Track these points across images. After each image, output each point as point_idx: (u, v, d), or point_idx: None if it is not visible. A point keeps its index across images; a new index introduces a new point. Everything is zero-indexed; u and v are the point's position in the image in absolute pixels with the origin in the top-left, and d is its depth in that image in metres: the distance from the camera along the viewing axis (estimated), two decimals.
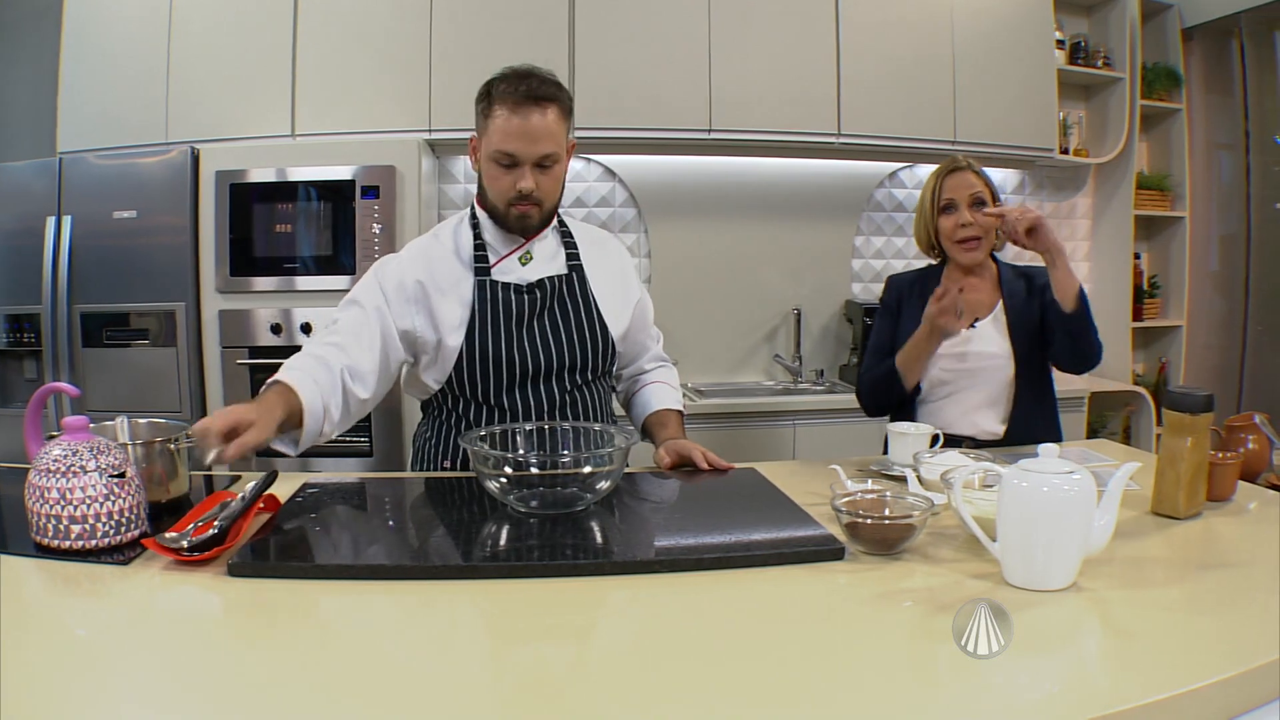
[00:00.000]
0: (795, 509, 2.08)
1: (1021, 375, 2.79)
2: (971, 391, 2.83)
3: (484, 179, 2.44)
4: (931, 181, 2.88)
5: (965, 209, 2.79)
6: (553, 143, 2.34)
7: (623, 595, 1.65)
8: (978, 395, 2.83)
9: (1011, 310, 2.83)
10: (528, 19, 4.35)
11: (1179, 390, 2.10)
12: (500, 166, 2.36)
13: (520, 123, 2.29)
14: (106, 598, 1.63)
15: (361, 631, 1.52)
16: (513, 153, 2.32)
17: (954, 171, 2.83)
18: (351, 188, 3.99)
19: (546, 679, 1.33)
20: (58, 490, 1.74)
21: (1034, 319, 2.80)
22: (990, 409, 2.83)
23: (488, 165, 2.39)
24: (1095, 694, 1.27)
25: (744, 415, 4.37)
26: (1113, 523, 1.66)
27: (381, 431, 4.06)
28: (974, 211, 2.78)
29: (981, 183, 2.80)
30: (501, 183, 2.37)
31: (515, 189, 2.35)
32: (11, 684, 1.22)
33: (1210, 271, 5.62)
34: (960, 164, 2.84)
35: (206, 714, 1.22)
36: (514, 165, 2.34)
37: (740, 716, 1.20)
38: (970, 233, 2.79)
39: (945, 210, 2.83)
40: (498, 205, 2.42)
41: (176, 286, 4.00)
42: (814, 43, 4.56)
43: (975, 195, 2.78)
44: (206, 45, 4.27)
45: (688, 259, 4.99)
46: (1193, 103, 5.47)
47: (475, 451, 2.00)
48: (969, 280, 2.87)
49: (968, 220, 2.78)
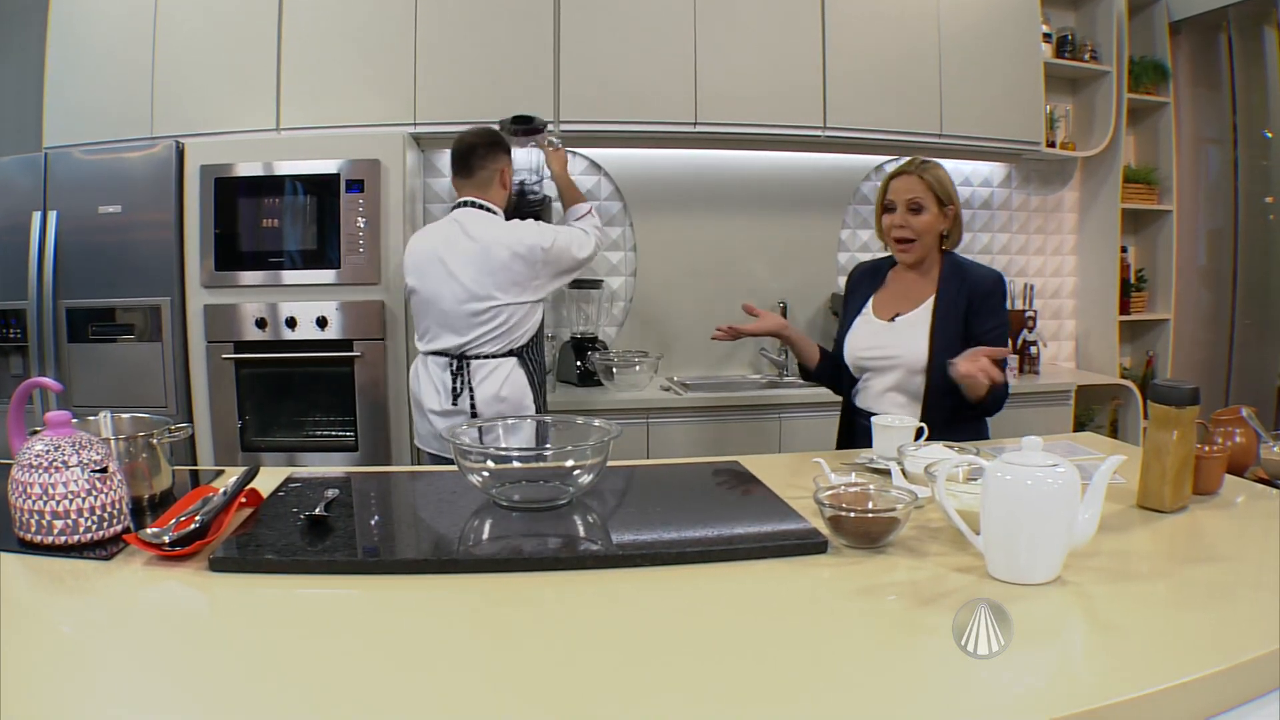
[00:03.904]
0: (778, 503, 2.08)
1: (932, 369, 2.83)
2: (881, 377, 2.94)
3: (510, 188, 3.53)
4: (884, 180, 3.00)
5: (902, 211, 2.89)
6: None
7: (604, 589, 1.65)
8: (884, 381, 2.93)
9: (940, 307, 2.89)
10: (512, 13, 4.33)
11: (1165, 383, 2.10)
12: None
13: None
14: (89, 593, 1.63)
15: (343, 626, 1.51)
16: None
17: (900, 174, 2.93)
18: (336, 182, 3.97)
19: (529, 673, 1.32)
20: (40, 486, 1.73)
21: (960, 316, 2.86)
22: (899, 394, 2.91)
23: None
24: (1080, 688, 1.27)
25: (729, 409, 4.36)
26: (1097, 516, 1.66)
27: (367, 427, 4.05)
28: (908, 215, 2.89)
29: (924, 187, 2.88)
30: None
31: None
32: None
33: (1198, 266, 5.63)
34: (910, 168, 2.93)
35: (188, 708, 1.21)
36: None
37: (723, 710, 1.20)
38: (903, 234, 2.91)
39: (886, 210, 2.95)
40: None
41: (162, 281, 3.98)
42: (800, 35, 4.55)
43: (912, 200, 2.88)
44: (192, 40, 4.25)
45: (673, 252, 4.98)
46: (1180, 97, 5.47)
47: (458, 446, 2.00)
48: (908, 274, 3.00)
49: (900, 223, 2.90)
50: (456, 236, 3.33)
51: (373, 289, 3.98)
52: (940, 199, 2.88)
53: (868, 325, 2.99)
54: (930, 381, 2.83)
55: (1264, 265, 5.26)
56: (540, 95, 4.34)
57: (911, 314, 2.92)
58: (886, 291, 3.03)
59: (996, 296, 2.89)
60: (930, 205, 2.87)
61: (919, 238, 2.89)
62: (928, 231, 2.89)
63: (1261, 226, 5.26)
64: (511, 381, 3.34)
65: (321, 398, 4.11)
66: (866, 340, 2.96)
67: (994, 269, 2.97)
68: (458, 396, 3.31)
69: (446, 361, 3.35)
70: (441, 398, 3.35)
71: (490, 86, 4.29)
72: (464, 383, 3.31)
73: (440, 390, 3.35)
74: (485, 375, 3.31)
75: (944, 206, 2.89)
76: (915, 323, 2.89)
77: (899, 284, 3.01)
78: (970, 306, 2.85)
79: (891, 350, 2.89)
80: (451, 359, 3.33)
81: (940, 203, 2.88)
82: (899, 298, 2.98)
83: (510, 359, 3.34)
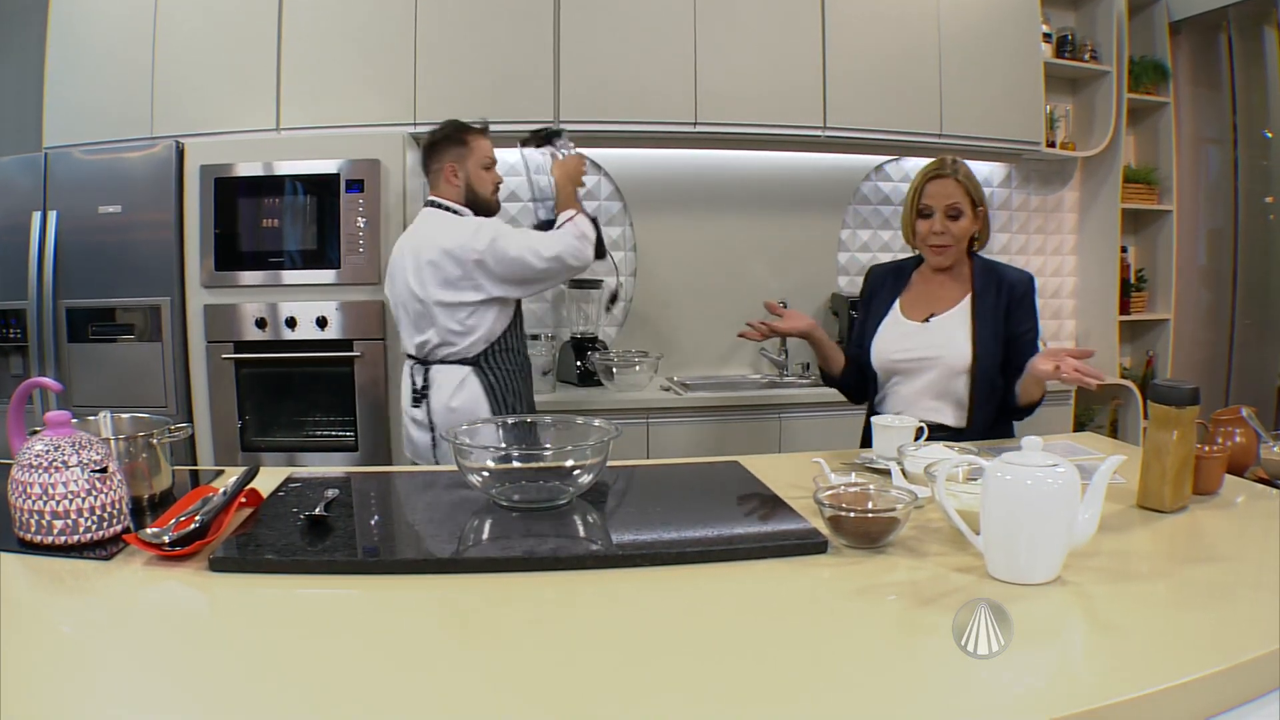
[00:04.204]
0: (778, 503, 2.08)
1: (980, 373, 2.81)
2: (917, 379, 2.88)
3: (474, 183, 3.40)
4: (917, 181, 2.92)
5: (941, 218, 2.85)
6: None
7: (604, 589, 1.65)
8: (920, 383, 2.87)
9: (979, 305, 2.86)
10: (512, 13, 4.33)
11: (1165, 383, 2.10)
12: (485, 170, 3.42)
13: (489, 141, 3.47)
14: (89, 593, 1.63)
15: (343, 626, 1.51)
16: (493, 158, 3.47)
17: (937, 177, 2.87)
18: (336, 181, 3.98)
19: (529, 672, 1.32)
20: (40, 486, 1.73)
21: (1000, 316, 2.84)
22: (935, 399, 2.86)
23: (477, 171, 3.40)
24: (1080, 688, 1.27)
25: (730, 409, 4.36)
26: (1097, 516, 1.66)
27: (367, 427, 4.05)
28: (948, 222, 2.84)
29: (962, 191, 2.84)
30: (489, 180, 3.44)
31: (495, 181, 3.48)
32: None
33: (1198, 266, 5.63)
34: (945, 170, 2.87)
35: (188, 708, 1.21)
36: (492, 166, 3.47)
37: (723, 710, 1.20)
38: (941, 241, 2.86)
39: (922, 214, 2.89)
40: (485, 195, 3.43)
41: (162, 281, 3.98)
42: (800, 35, 4.55)
43: (952, 206, 2.83)
44: (192, 40, 4.25)
45: (673, 252, 4.98)
46: (1180, 97, 5.47)
47: (458, 445, 2.00)
48: (937, 275, 2.95)
49: (939, 229, 2.85)
50: (407, 235, 3.39)
51: (373, 289, 3.97)
52: (974, 200, 2.86)
53: (898, 327, 2.95)
54: (975, 381, 2.81)
55: (1264, 265, 5.26)
56: (540, 95, 4.34)
57: (947, 314, 2.89)
58: (914, 293, 3.00)
59: (1031, 297, 2.88)
60: (967, 209, 2.85)
61: (956, 243, 2.86)
62: (965, 236, 2.87)
63: (1261, 226, 5.26)
64: (465, 392, 3.28)
65: (321, 398, 4.12)
66: (898, 342, 2.92)
67: (1025, 270, 2.95)
68: (418, 401, 3.33)
69: (412, 364, 3.37)
70: (407, 399, 3.39)
71: (490, 86, 4.29)
72: (424, 387, 3.31)
73: (406, 392, 3.39)
74: (441, 383, 3.29)
75: (976, 208, 2.87)
76: (953, 323, 2.87)
77: (927, 285, 2.98)
78: (1009, 307, 2.83)
79: (929, 351, 2.85)
80: (416, 362, 3.36)
81: (973, 204, 2.86)
82: (930, 299, 2.95)
83: (465, 368, 3.28)
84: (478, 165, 3.39)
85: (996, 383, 2.82)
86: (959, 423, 2.85)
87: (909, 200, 2.94)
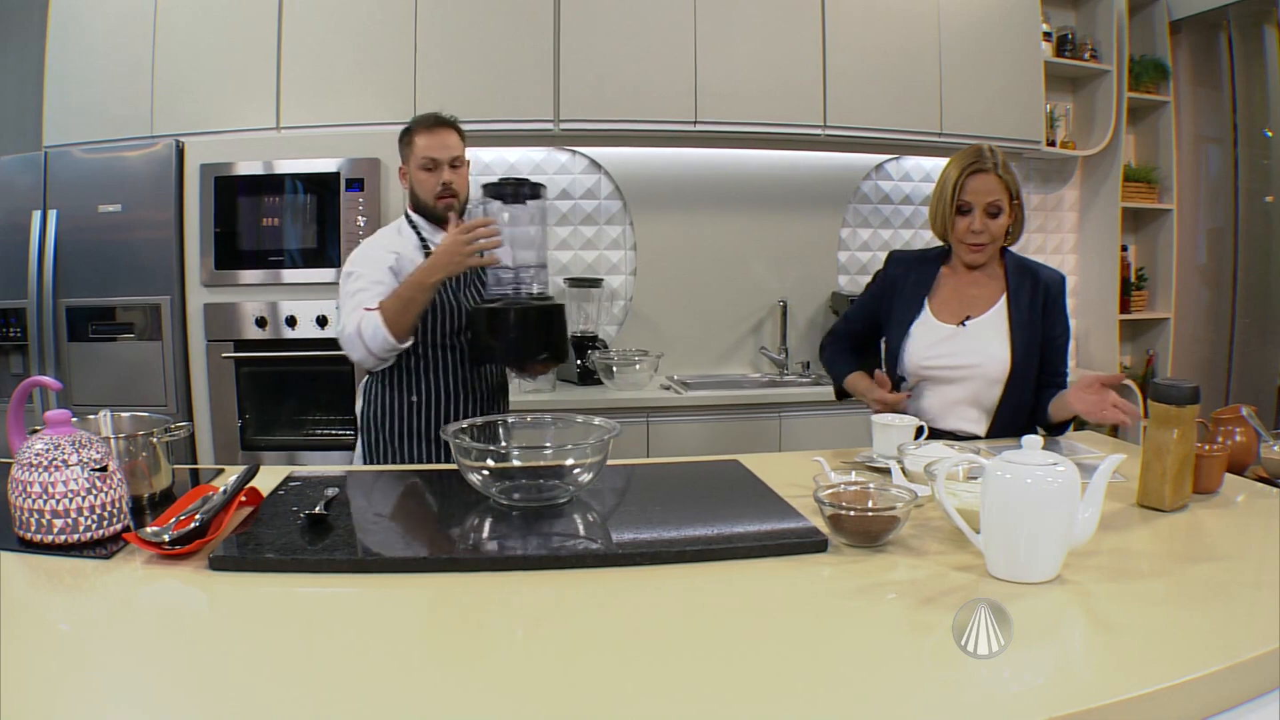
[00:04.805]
0: (778, 501, 2.07)
1: (1015, 377, 2.70)
2: (953, 387, 2.75)
3: (415, 186, 3.07)
4: (954, 173, 2.72)
5: (981, 216, 2.69)
6: (459, 150, 3.06)
7: (604, 588, 1.65)
8: (958, 392, 2.75)
9: (1015, 309, 2.74)
10: (512, 10, 4.34)
11: (1165, 382, 2.10)
12: (425, 170, 3.02)
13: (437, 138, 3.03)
14: (89, 592, 1.63)
15: (342, 625, 1.51)
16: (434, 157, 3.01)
17: (978, 173, 2.68)
18: (336, 180, 3.97)
19: (529, 671, 1.32)
20: (39, 484, 1.73)
21: (1037, 319, 2.73)
22: (971, 408, 2.75)
23: (416, 173, 3.04)
24: (1079, 687, 1.27)
25: (730, 407, 4.37)
26: (1097, 515, 1.66)
27: None
28: (987, 220, 2.69)
29: (1002, 186, 2.68)
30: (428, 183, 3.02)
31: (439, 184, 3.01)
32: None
33: (1198, 264, 5.63)
34: (985, 164, 2.68)
35: (188, 707, 1.21)
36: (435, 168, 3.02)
37: (722, 709, 1.20)
38: (979, 240, 2.71)
39: (961, 211, 2.71)
40: (427, 201, 3.04)
41: (162, 280, 3.98)
42: (800, 34, 4.55)
43: (993, 204, 2.67)
44: (192, 38, 4.25)
45: (673, 251, 4.98)
46: (1180, 95, 5.47)
47: (457, 444, 2.00)
48: (971, 275, 2.82)
49: (979, 228, 2.69)
50: None
51: None
52: (1012, 194, 2.70)
53: (932, 331, 2.78)
54: (1007, 392, 2.71)
55: (1264, 264, 5.26)
56: (540, 94, 4.34)
57: (984, 317, 2.76)
58: (945, 291, 2.83)
59: (1063, 299, 2.78)
60: (1006, 205, 2.69)
61: (994, 241, 2.73)
62: (1003, 232, 2.73)
63: (1261, 225, 5.26)
64: (365, 398, 3.17)
65: (321, 397, 4.12)
66: (933, 349, 2.76)
67: (1058, 270, 2.84)
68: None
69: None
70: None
71: (490, 86, 4.30)
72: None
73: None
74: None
75: (1013, 202, 2.72)
76: (989, 327, 2.74)
77: (958, 283, 2.83)
78: (1045, 308, 2.72)
79: (968, 358, 2.72)
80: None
81: (1010, 198, 2.71)
82: (963, 299, 2.79)
83: (366, 376, 3.18)
84: (417, 166, 3.04)
85: (1028, 392, 2.71)
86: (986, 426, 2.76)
87: (946, 193, 2.73)
